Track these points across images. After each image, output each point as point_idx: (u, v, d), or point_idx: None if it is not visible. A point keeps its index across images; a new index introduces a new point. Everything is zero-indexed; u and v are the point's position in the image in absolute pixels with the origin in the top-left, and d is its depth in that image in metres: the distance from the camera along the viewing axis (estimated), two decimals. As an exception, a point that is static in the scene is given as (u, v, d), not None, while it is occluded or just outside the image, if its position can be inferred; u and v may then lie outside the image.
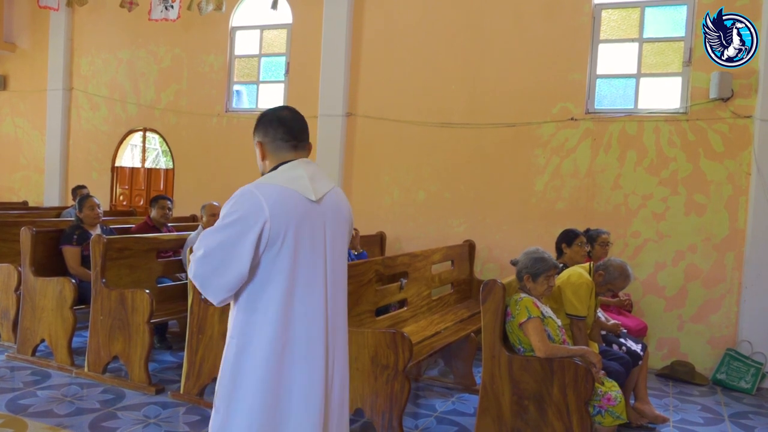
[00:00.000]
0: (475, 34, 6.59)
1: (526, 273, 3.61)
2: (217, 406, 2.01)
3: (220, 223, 1.95)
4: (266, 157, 2.12)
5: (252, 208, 1.92)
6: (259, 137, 2.13)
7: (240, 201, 1.95)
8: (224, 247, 1.92)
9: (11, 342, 5.24)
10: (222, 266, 1.92)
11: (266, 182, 2.01)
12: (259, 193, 1.94)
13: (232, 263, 1.91)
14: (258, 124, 2.14)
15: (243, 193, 1.97)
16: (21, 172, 9.53)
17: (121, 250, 4.83)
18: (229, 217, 1.94)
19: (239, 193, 1.97)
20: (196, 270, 1.96)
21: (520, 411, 3.48)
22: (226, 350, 2.01)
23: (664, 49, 6.10)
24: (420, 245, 6.44)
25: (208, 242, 1.95)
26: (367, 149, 7.07)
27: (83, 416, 3.89)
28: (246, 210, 1.92)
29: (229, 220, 1.93)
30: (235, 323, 2.01)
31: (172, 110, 8.27)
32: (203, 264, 1.95)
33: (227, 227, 1.93)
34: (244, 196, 1.95)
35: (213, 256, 1.93)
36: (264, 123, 2.12)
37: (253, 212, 1.92)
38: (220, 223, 1.96)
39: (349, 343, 3.64)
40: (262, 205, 1.92)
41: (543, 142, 6.28)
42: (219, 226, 1.95)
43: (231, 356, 1.99)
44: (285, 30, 7.71)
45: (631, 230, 5.96)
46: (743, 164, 5.60)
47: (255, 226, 1.91)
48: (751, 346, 5.44)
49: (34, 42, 9.32)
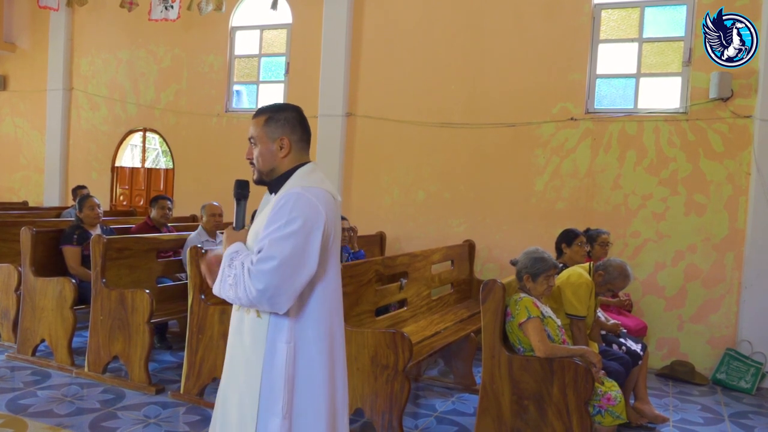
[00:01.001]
0: (475, 34, 6.59)
1: (526, 273, 3.61)
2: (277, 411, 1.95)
3: (286, 230, 1.90)
4: (290, 154, 2.08)
5: (313, 212, 1.92)
6: (285, 133, 2.07)
7: (299, 205, 1.92)
8: (296, 253, 1.89)
9: (11, 342, 5.24)
10: (296, 273, 1.89)
11: (310, 186, 1.99)
12: (311, 196, 1.94)
13: (304, 268, 1.91)
14: (282, 120, 2.08)
15: (298, 197, 1.93)
16: (21, 172, 9.53)
17: (121, 250, 4.83)
18: (294, 223, 1.90)
19: (293, 197, 1.93)
20: (269, 281, 1.86)
21: (520, 411, 3.48)
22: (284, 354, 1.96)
23: (663, 49, 6.11)
24: (420, 245, 6.44)
25: (280, 251, 1.88)
26: (367, 149, 7.07)
27: (83, 416, 3.89)
28: (307, 213, 1.92)
29: (295, 226, 1.89)
30: (289, 327, 1.97)
31: (172, 110, 8.27)
32: (278, 273, 1.87)
33: (296, 234, 1.89)
34: (301, 200, 1.93)
35: (288, 264, 1.87)
36: (291, 121, 2.08)
37: (314, 215, 1.92)
38: (286, 230, 1.90)
39: (349, 343, 3.67)
40: (319, 208, 1.94)
41: (543, 142, 6.29)
42: (286, 233, 1.90)
43: (290, 361, 1.96)
44: (285, 30, 7.71)
45: (631, 230, 5.96)
46: (743, 164, 5.60)
47: (319, 229, 1.92)
48: (750, 346, 5.44)
49: (34, 42, 9.32)
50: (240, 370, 2.02)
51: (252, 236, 2.05)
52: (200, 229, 5.46)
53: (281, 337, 1.96)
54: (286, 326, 1.97)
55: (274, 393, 1.95)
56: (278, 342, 1.96)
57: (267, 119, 2.08)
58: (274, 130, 2.07)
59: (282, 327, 1.97)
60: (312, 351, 1.99)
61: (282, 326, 1.97)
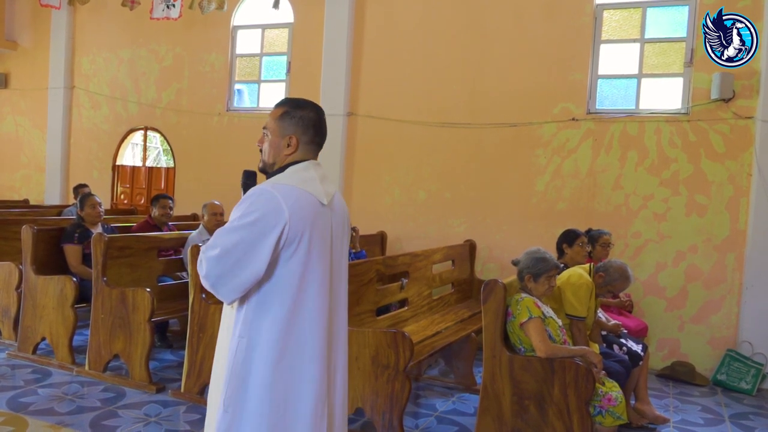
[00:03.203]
0: (477, 34, 6.59)
1: (528, 273, 3.62)
2: (224, 405, 1.95)
3: (238, 222, 1.89)
4: (294, 153, 2.05)
5: (272, 209, 1.88)
6: (296, 132, 2.05)
7: (259, 201, 1.89)
8: (242, 248, 1.86)
9: (12, 340, 5.25)
10: (237, 266, 1.87)
11: (283, 183, 1.95)
12: (277, 193, 1.90)
13: (249, 263, 1.87)
14: (297, 118, 2.06)
15: (261, 192, 1.91)
16: (22, 171, 9.53)
17: (122, 248, 4.83)
18: (248, 217, 1.88)
19: (257, 192, 1.91)
20: (209, 269, 1.89)
21: (521, 411, 3.48)
22: (234, 349, 1.96)
23: (665, 50, 6.10)
24: (421, 245, 6.44)
25: (225, 241, 1.88)
26: (368, 149, 7.07)
27: (84, 414, 3.90)
28: (266, 210, 1.88)
29: (248, 220, 1.87)
30: (244, 322, 1.96)
31: (173, 109, 8.27)
32: (218, 263, 1.88)
33: (246, 227, 1.87)
34: (263, 195, 1.90)
35: (229, 256, 1.87)
36: (306, 121, 2.06)
37: (273, 213, 1.88)
38: (237, 222, 1.89)
39: (350, 343, 3.65)
40: (281, 207, 1.88)
41: (544, 142, 6.28)
42: (237, 225, 1.89)
43: (240, 355, 1.94)
44: (286, 29, 7.71)
45: (632, 231, 5.95)
46: (744, 165, 5.59)
47: (275, 228, 1.87)
48: (751, 347, 5.44)
49: (35, 40, 9.32)
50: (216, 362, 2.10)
51: None
52: (201, 228, 5.46)
53: (240, 332, 1.96)
54: (242, 320, 1.97)
55: (227, 387, 1.96)
56: (237, 336, 1.97)
57: (283, 113, 2.06)
58: (286, 127, 2.05)
59: (243, 321, 1.96)
60: (271, 349, 1.93)
61: (244, 321, 1.96)
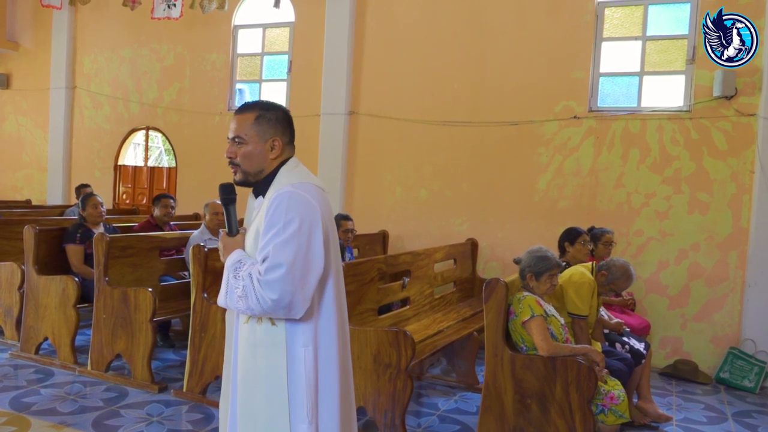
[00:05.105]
0: (478, 32, 6.58)
1: (530, 271, 3.61)
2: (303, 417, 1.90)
3: (286, 233, 1.84)
4: (280, 155, 2.02)
5: (308, 208, 1.87)
6: (276, 134, 2.01)
7: (293, 205, 1.86)
8: (302, 255, 1.83)
9: (15, 340, 5.26)
10: (304, 275, 1.84)
11: (299, 182, 1.93)
12: (304, 193, 1.89)
13: (312, 268, 1.85)
14: (273, 120, 2.01)
15: (291, 196, 1.87)
16: (24, 171, 9.55)
17: (124, 248, 4.83)
18: (293, 224, 1.84)
19: (286, 197, 1.87)
20: (282, 290, 1.81)
21: (523, 409, 3.48)
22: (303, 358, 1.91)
23: (667, 47, 6.09)
24: (422, 244, 6.44)
25: (285, 256, 1.82)
26: (370, 148, 7.07)
27: (86, 414, 3.90)
28: (303, 212, 1.86)
29: (294, 227, 1.84)
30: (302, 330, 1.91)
31: (175, 109, 8.27)
32: (289, 280, 1.81)
33: (296, 235, 1.84)
34: (294, 198, 1.87)
35: (295, 268, 1.82)
36: (281, 121, 2.03)
37: (310, 212, 1.87)
38: (286, 234, 1.84)
39: (352, 342, 3.67)
40: (313, 204, 1.88)
41: (546, 140, 6.27)
42: (287, 237, 1.83)
43: (309, 364, 1.91)
44: (288, 28, 7.70)
45: (634, 229, 5.94)
46: (747, 162, 5.58)
47: (317, 225, 1.87)
48: (754, 345, 5.43)
49: (36, 40, 9.33)
50: (262, 383, 1.94)
51: (251, 242, 1.98)
52: (203, 228, 5.46)
53: (299, 342, 1.91)
54: (301, 329, 1.92)
55: (299, 400, 1.91)
56: (297, 347, 1.91)
57: (257, 117, 2.00)
58: (266, 130, 2.00)
59: (298, 331, 1.92)
60: (330, 352, 1.96)
61: (297, 330, 1.92)
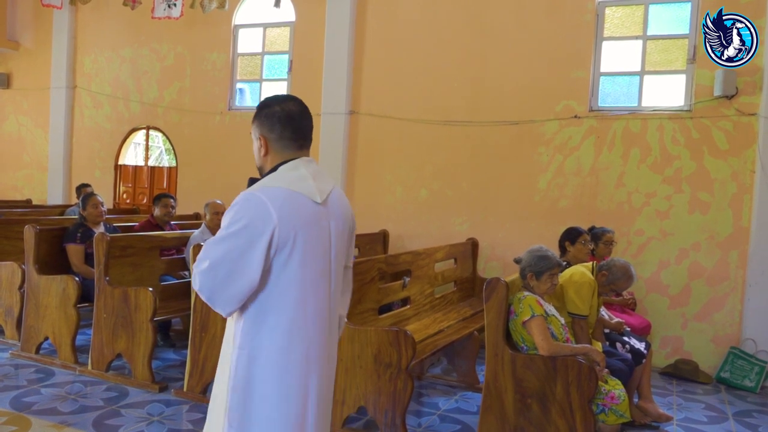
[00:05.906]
0: (478, 31, 6.58)
1: (530, 271, 3.61)
2: (229, 420, 1.88)
3: (224, 231, 1.82)
4: (269, 153, 1.97)
5: (259, 214, 1.80)
6: (263, 131, 1.95)
7: (245, 207, 1.82)
8: (231, 258, 1.79)
9: (15, 340, 5.26)
10: (230, 277, 1.80)
11: (270, 185, 1.87)
12: (264, 197, 1.82)
13: (242, 273, 1.80)
14: (262, 117, 1.96)
15: (247, 198, 1.83)
16: (24, 170, 9.55)
17: (125, 248, 4.83)
18: (235, 225, 1.80)
19: (242, 198, 1.83)
20: (202, 282, 1.82)
21: (524, 409, 3.48)
22: (235, 361, 1.88)
23: (668, 47, 6.08)
24: (423, 243, 6.44)
25: (213, 253, 1.81)
26: (370, 147, 7.07)
27: (87, 414, 3.90)
28: (252, 216, 1.80)
29: (234, 228, 1.80)
30: (243, 333, 1.88)
31: (175, 108, 8.27)
32: (209, 276, 1.81)
33: (233, 236, 1.80)
34: (249, 201, 1.82)
35: (219, 268, 1.80)
36: (270, 117, 1.94)
37: (261, 218, 1.80)
38: (224, 232, 1.82)
39: (352, 341, 3.67)
40: (269, 210, 1.80)
41: (546, 139, 6.27)
42: (223, 235, 1.82)
43: (242, 367, 1.87)
44: (288, 28, 7.70)
45: (635, 228, 5.94)
46: (747, 162, 5.57)
47: (264, 234, 1.79)
48: (755, 345, 5.43)
49: (37, 40, 9.33)
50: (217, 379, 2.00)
51: None
52: (203, 227, 5.46)
53: (240, 343, 1.89)
54: (244, 332, 1.89)
55: (231, 401, 1.89)
56: (237, 348, 1.89)
57: (254, 115, 2.00)
58: (255, 128, 1.99)
59: (243, 332, 1.89)
60: (275, 359, 1.87)
61: (243, 331, 1.89)
